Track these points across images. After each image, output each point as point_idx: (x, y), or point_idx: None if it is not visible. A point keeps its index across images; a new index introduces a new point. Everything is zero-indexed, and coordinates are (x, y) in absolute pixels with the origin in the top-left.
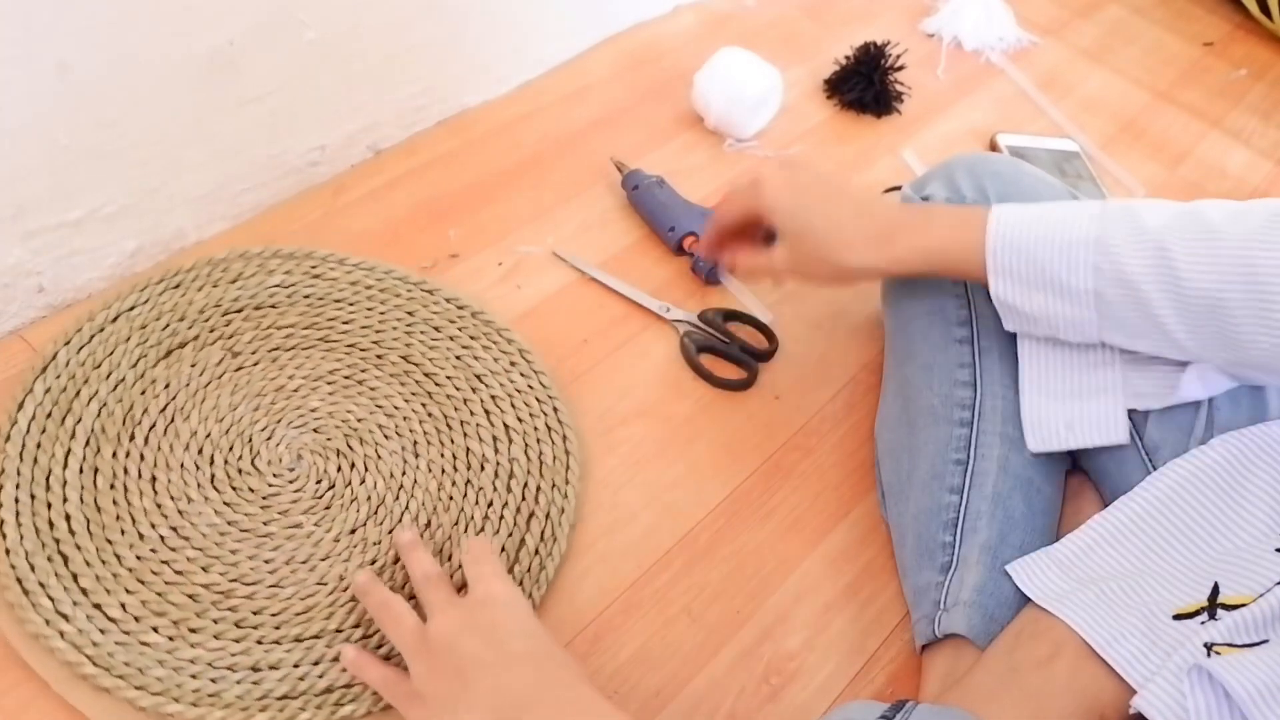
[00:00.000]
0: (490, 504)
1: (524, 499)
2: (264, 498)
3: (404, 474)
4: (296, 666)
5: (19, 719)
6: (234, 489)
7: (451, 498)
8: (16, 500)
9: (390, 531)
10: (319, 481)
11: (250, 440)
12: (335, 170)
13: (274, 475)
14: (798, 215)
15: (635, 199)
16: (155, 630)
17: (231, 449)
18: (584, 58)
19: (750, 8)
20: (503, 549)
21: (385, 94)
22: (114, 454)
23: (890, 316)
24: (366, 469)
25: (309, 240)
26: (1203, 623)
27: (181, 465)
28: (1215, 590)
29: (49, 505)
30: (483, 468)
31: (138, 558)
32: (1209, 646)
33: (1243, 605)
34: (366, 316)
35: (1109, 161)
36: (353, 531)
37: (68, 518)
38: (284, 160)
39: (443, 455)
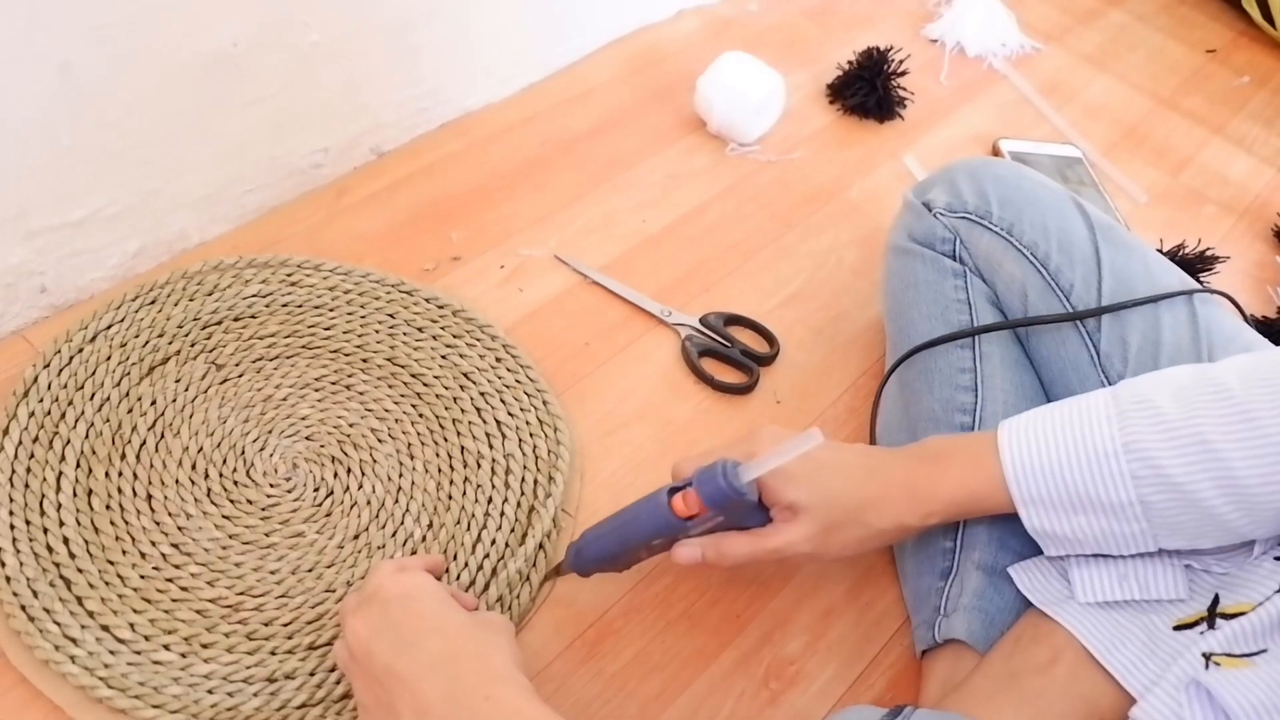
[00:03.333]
0: (490, 500)
1: (523, 494)
2: (263, 509)
3: (401, 476)
4: (313, 675)
5: None
6: (232, 502)
7: (451, 497)
8: (12, 527)
9: (394, 534)
10: (317, 489)
11: (243, 452)
12: (338, 172)
13: (271, 486)
14: (813, 483)
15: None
16: (167, 648)
17: (225, 462)
18: (587, 61)
19: (753, 12)
20: (506, 544)
21: (388, 96)
22: (106, 474)
23: (891, 321)
24: (364, 474)
25: (311, 242)
26: (1202, 632)
27: (176, 481)
28: (1215, 600)
29: (45, 530)
30: (479, 465)
31: (141, 577)
32: (1208, 656)
33: (1241, 614)
34: (348, 321)
35: (1111, 168)
36: (356, 537)
37: (66, 541)
38: (287, 162)
39: (438, 455)
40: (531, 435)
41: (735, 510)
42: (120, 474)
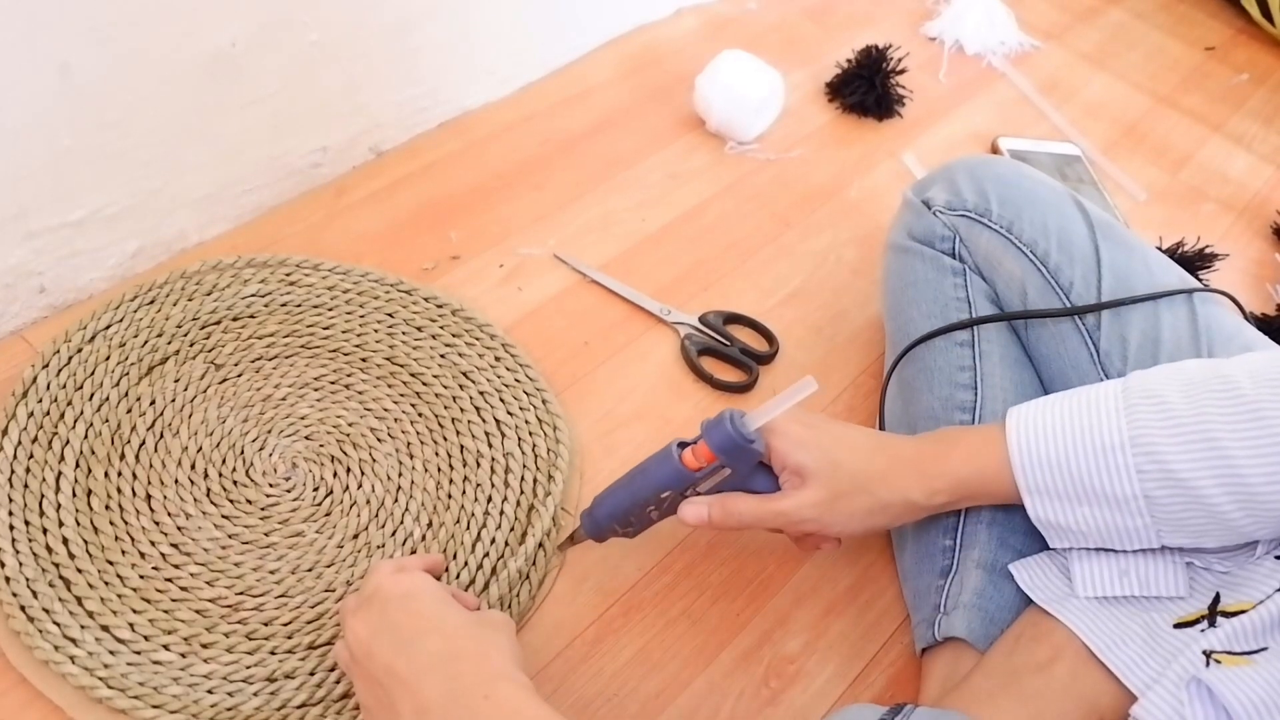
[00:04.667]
0: (490, 499)
1: (522, 493)
2: (263, 508)
3: (400, 475)
4: (313, 674)
5: None
6: (231, 502)
7: (450, 496)
8: (11, 528)
9: (394, 534)
10: (316, 489)
11: (243, 452)
12: (337, 172)
13: (270, 485)
14: (823, 450)
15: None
16: (166, 648)
17: (224, 462)
18: (586, 60)
19: (752, 11)
20: (505, 543)
21: (387, 95)
22: (106, 474)
23: (891, 319)
24: (363, 473)
25: (310, 242)
26: (1202, 630)
27: (176, 481)
28: (1216, 599)
29: (45, 530)
30: (478, 464)
31: (141, 577)
32: (1208, 654)
33: (1242, 612)
34: (346, 320)
35: (1110, 166)
36: (355, 536)
37: (65, 541)
38: (286, 161)
39: (437, 454)
40: (531, 434)
41: (742, 463)
42: (119, 474)
